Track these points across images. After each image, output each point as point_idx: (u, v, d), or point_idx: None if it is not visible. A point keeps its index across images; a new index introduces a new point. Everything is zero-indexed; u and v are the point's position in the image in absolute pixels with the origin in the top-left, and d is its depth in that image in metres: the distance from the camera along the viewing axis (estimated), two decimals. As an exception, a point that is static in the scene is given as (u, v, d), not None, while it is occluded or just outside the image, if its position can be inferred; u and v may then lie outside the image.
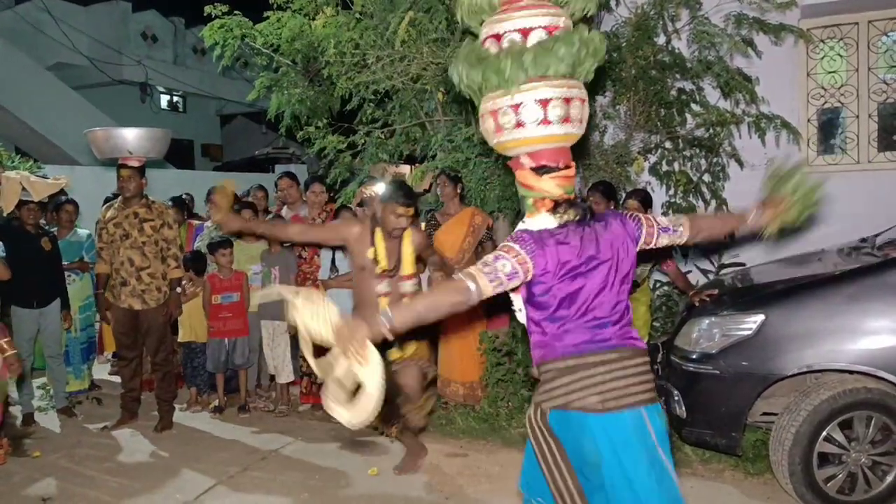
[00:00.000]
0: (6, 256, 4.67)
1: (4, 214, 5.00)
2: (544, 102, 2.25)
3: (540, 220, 2.31)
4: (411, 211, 3.84)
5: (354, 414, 2.15)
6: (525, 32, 2.29)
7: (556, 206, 2.30)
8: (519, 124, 2.27)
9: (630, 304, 2.38)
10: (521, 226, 2.35)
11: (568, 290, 2.23)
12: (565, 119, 2.28)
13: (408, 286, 3.91)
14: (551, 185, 2.30)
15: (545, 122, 2.26)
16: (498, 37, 2.32)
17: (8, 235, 4.83)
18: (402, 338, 3.42)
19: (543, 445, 2.29)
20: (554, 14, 2.33)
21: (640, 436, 2.19)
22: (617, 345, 2.25)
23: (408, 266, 3.91)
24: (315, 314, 2.17)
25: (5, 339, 3.88)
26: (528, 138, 2.29)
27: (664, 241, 2.47)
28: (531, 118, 2.26)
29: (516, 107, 2.26)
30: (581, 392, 2.20)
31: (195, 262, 5.61)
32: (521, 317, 2.40)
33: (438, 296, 2.29)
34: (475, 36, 2.48)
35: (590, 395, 2.19)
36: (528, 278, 2.22)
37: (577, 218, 2.28)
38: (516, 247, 2.21)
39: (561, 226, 2.27)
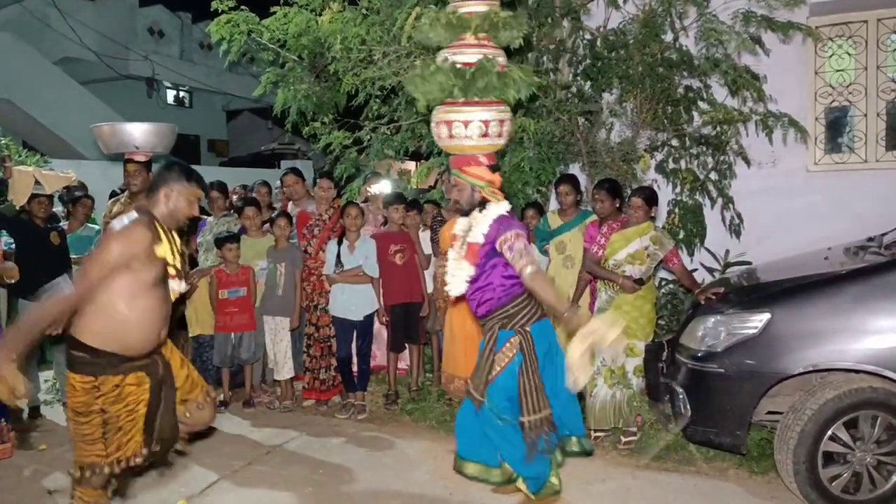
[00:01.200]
0: (15, 250, 4.68)
1: (17, 207, 5.02)
2: (497, 122, 3.32)
3: (504, 205, 3.36)
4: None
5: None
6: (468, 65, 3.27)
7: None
8: (485, 135, 3.27)
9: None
10: (499, 210, 3.33)
11: None
12: (499, 135, 3.36)
13: None
14: (498, 179, 3.41)
15: (500, 135, 3.35)
16: (469, 64, 3.26)
17: (17, 229, 4.85)
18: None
19: (528, 358, 3.30)
20: (501, 56, 3.37)
21: (552, 329, 3.50)
22: None
23: None
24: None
25: None
26: (488, 145, 3.33)
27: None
28: (494, 131, 3.30)
29: (487, 122, 3.27)
30: (538, 306, 3.38)
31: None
32: (457, 288, 3.41)
33: (546, 284, 3.29)
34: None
35: (540, 307, 3.38)
36: None
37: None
38: (521, 231, 3.26)
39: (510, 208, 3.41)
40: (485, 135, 3.26)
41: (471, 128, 3.24)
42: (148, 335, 2.90)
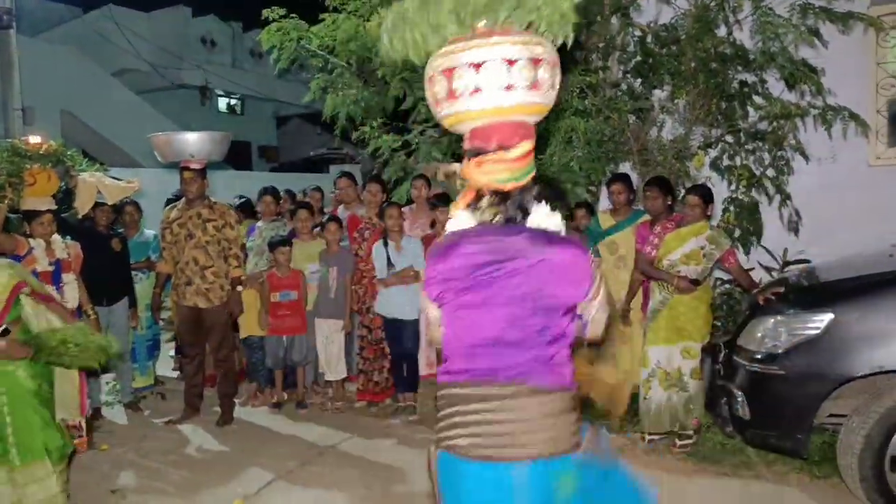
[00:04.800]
0: None
1: (80, 216, 5.19)
2: (526, 62, 1.79)
3: (459, 217, 1.91)
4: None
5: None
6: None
7: (478, 198, 1.88)
8: (509, 86, 1.78)
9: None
10: (450, 222, 1.95)
11: (459, 300, 1.86)
12: (534, 85, 1.82)
13: None
14: (476, 172, 1.85)
15: (535, 85, 1.82)
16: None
17: (81, 235, 5.01)
18: None
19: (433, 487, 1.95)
20: None
21: (526, 495, 1.75)
22: (518, 378, 1.79)
23: None
24: None
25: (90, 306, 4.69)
26: (518, 105, 1.82)
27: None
28: (523, 78, 1.78)
29: (477, 66, 1.77)
30: (456, 430, 1.83)
31: None
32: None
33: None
34: None
35: (462, 436, 1.81)
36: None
37: (506, 218, 1.85)
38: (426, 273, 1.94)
39: (479, 225, 1.88)
40: (509, 86, 1.78)
41: (485, 72, 1.77)
42: None
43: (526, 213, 1.84)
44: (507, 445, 1.76)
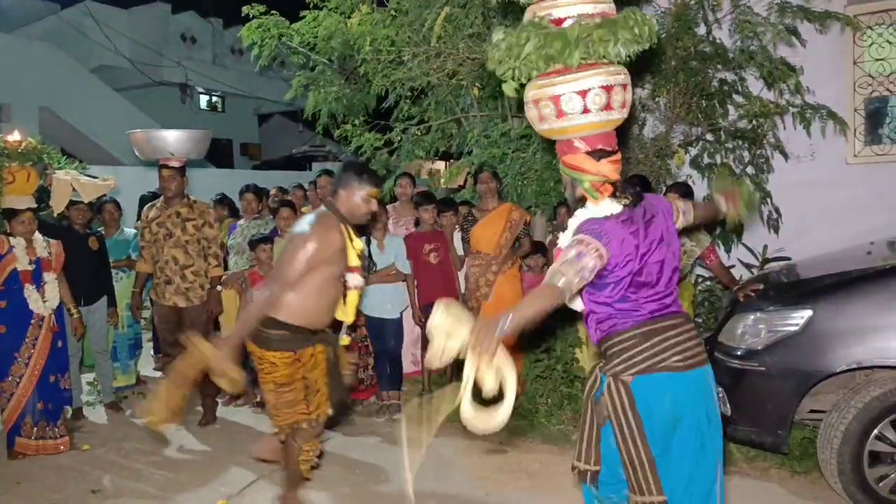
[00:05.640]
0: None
1: (55, 214, 5.13)
2: (608, 88, 2.29)
3: (605, 206, 2.38)
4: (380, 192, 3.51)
5: (490, 419, 2.22)
6: (585, 17, 2.30)
7: (615, 191, 2.40)
8: (586, 110, 2.30)
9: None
10: (584, 212, 2.41)
11: (638, 270, 2.35)
12: (622, 105, 2.36)
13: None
14: (609, 169, 2.36)
15: (608, 108, 2.31)
16: (559, 21, 2.31)
17: (57, 234, 4.96)
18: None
19: (623, 420, 2.35)
20: (606, 2, 2.37)
21: (710, 391, 2.44)
22: (677, 311, 2.43)
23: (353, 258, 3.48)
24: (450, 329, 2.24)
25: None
26: (586, 124, 2.32)
27: (680, 222, 2.63)
28: (597, 103, 2.29)
29: (584, 93, 2.28)
30: (664, 354, 2.35)
31: None
32: (578, 304, 2.51)
33: (540, 302, 2.24)
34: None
35: (672, 356, 2.35)
36: (603, 268, 2.30)
37: (635, 201, 2.41)
38: (595, 241, 2.26)
39: (623, 209, 2.38)
40: (585, 110, 2.29)
41: (563, 102, 2.29)
42: (328, 315, 3.44)
43: (643, 194, 2.47)
44: (699, 355, 2.41)
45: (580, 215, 2.42)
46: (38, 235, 4.65)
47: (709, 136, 5.72)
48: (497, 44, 2.37)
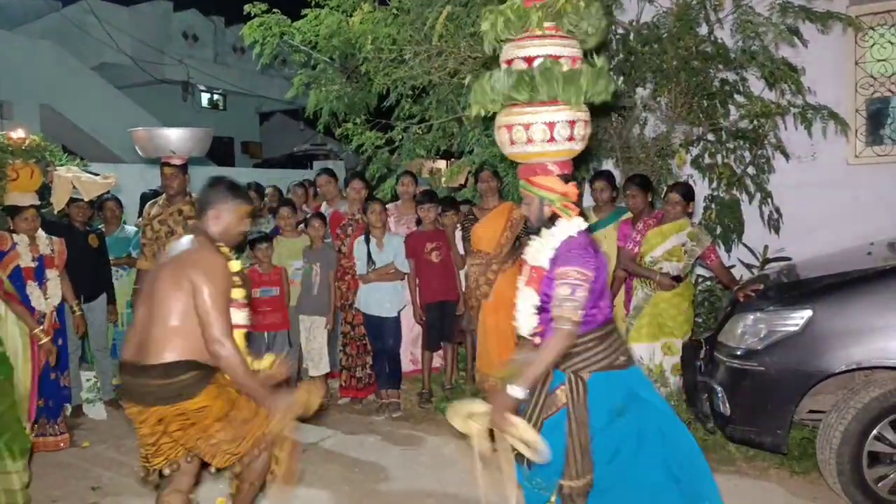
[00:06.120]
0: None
1: (56, 212, 5.14)
2: (565, 124, 2.65)
3: (576, 223, 2.68)
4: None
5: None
6: (555, 58, 2.64)
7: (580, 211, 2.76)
8: (550, 139, 2.64)
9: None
10: (569, 229, 2.66)
11: (602, 281, 2.70)
12: (583, 138, 2.72)
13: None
14: (573, 191, 2.71)
15: (571, 138, 2.67)
16: (530, 59, 2.66)
17: (58, 232, 4.96)
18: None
19: (578, 410, 2.61)
20: (574, 46, 2.72)
21: (650, 383, 3.01)
22: (613, 318, 2.79)
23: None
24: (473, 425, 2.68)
25: (40, 328, 4.36)
26: (556, 151, 2.68)
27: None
28: (562, 135, 2.65)
29: (573, 123, 2.65)
30: (614, 354, 2.68)
31: None
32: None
33: (557, 350, 2.56)
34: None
35: (619, 356, 2.69)
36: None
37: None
38: (583, 272, 2.55)
39: (587, 225, 2.74)
40: (550, 139, 2.63)
41: (533, 131, 2.63)
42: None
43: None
44: (629, 354, 2.81)
45: (557, 233, 2.67)
46: (41, 233, 4.65)
47: (710, 136, 5.71)
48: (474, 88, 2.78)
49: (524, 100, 2.63)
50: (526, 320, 2.73)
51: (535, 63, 2.63)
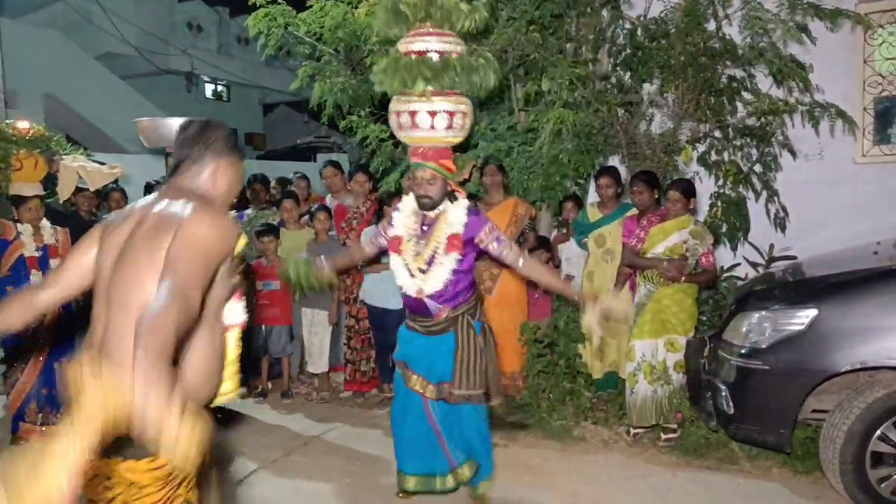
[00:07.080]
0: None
1: (61, 201, 5.13)
2: (461, 115, 3.25)
3: (464, 198, 3.45)
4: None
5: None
6: (441, 53, 3.17)
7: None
8: (450, 126, 3.22)
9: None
10: (465, 202, 3.39)
11: None
12: (462, 127, 3.31)
13: None
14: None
15: (463, 127, 3.30)
16: (421, 53, 3.16)
17: (63, 221, 4.96)
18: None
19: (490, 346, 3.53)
20: (457, 42, 3.23)
21: None
22: None
23: None
24: None
25: None
26: (452, 137, 3.29)
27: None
28: (458, 124, 3.26)
29: (452, 114, 3.20)
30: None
31: None
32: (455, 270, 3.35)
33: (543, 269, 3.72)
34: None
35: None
36: None
37: None
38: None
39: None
40: (450, 126, 3.21)
41: (438, 119, 3.18)
42: None
43: None
44: None
45: (460, 205, 3.33)
46: (45, 222, 4.65)
47: (717, 133, 5.68)
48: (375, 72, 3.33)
49: (428, 86, 3.15)
50: (439, 280, 3.31)
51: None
